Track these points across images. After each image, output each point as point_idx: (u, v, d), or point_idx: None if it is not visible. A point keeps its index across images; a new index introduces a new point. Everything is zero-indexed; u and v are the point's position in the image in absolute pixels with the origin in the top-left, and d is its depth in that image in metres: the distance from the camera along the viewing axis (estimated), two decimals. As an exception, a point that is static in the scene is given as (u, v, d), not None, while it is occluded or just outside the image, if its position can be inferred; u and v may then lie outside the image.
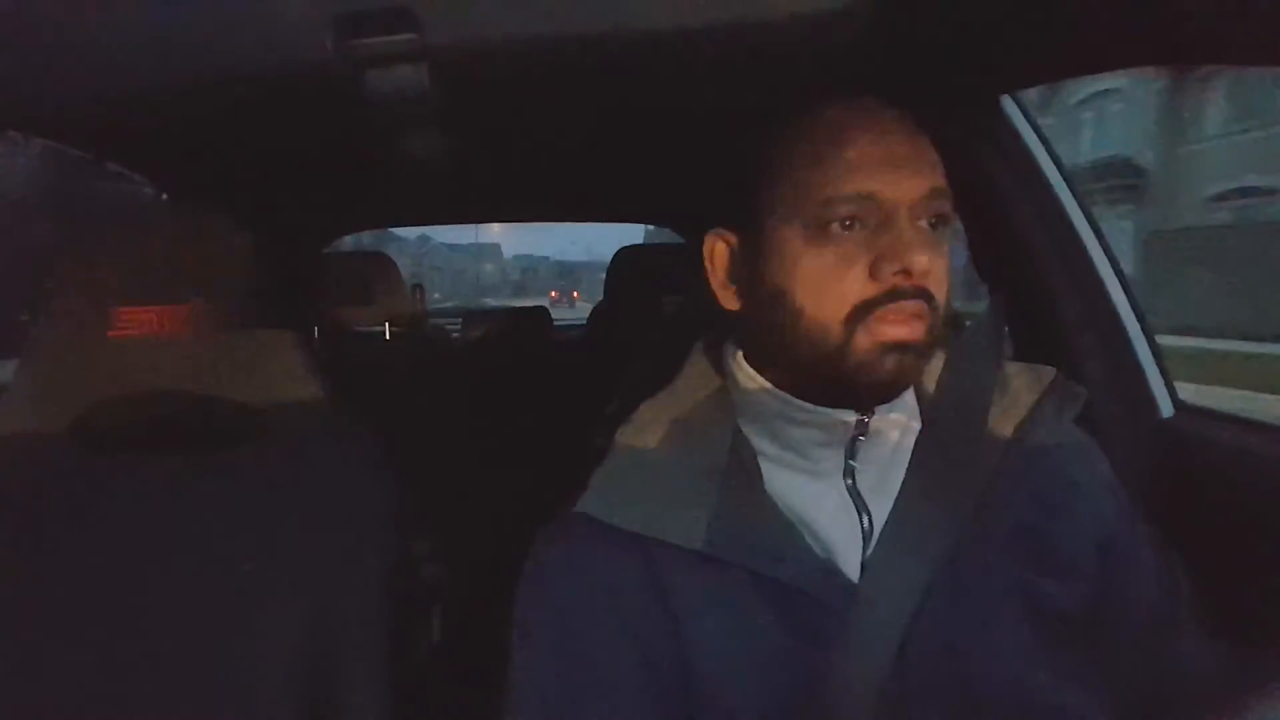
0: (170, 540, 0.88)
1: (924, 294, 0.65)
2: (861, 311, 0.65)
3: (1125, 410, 1.01)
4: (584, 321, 2.75)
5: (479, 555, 1.41)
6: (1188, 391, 1.04)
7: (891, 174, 0.65)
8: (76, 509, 0.88)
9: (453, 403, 2.09)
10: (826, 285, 0.65)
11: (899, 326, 0.64)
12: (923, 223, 0.66)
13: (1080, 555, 0.69)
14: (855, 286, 0.65)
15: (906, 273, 0.64)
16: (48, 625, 0.84)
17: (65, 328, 0.90)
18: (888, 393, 0.68)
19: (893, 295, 0.64)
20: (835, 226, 0.65)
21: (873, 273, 0.64)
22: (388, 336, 2.23)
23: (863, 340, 0.65)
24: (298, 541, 0.89)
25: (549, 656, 0.68)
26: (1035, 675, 0.65)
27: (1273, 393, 7.19)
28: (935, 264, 0.65)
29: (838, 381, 0.67)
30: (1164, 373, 1.04)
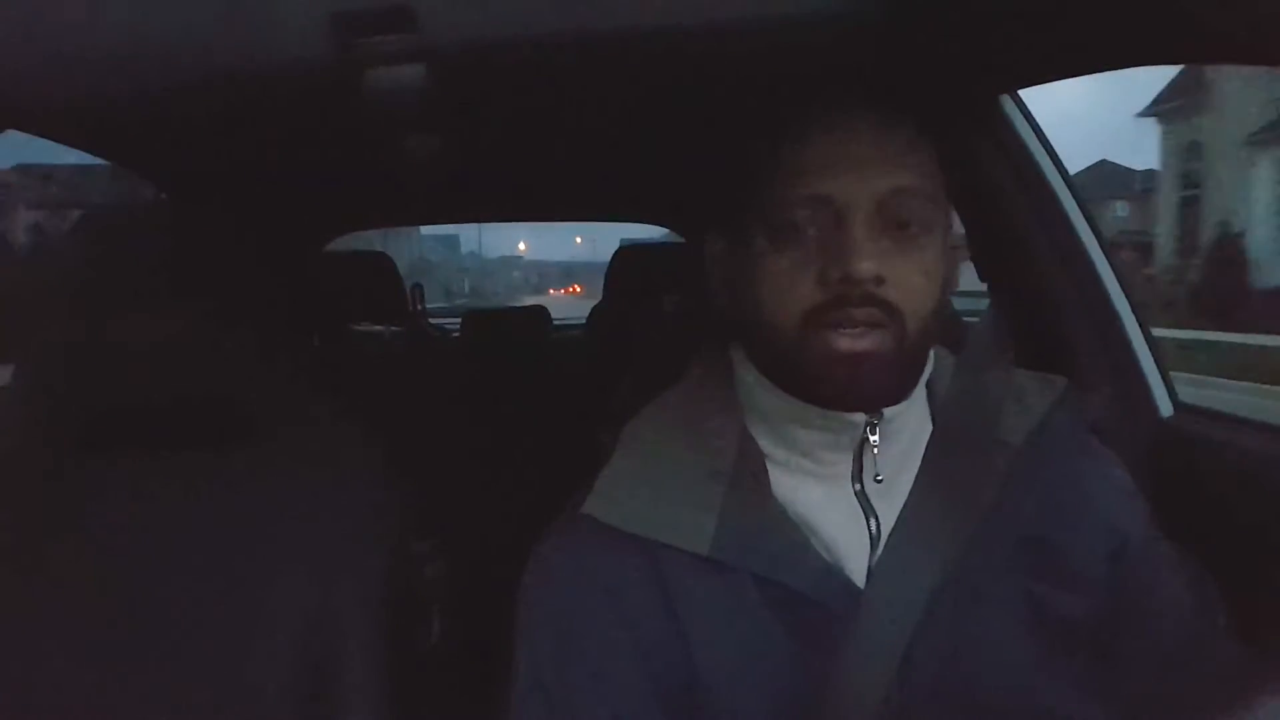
0: (170, 540, 0.88)
1: (875, 302, 0.63)
2: (813, 318, 0.64)
3: (1125, 410, 1.00)
4: (584, 321, 2.75)
5: (479, 555, 1.41)
6: None
7: (847, 175, 0.63)
8: (76, 509, 0.88)
9: (452, 402, 2.09)
10: (782, 289, 0.65)
11: (847, 337, 0.63)
12: (883, 226, 0.63)
13: (1089, 566, 0.68)
14: (806, 292, 0.64)
15: (850, 280, 0.62)
16: (47, 624, 0.84)
17: (64, 327, 0.90)
18: (852, 403, 0.66)
19: (838, 303, 0.63)
20: (794, 229, 0.64)
21: (821, 278, 0.63)
22: (387, 336, 2.24)
23: (815, 348, 0.64)
24: (297, 541, 0.89)
25: (552, 658, 0.67)
26: (1039, 684, 0.65)
27: None
28: (895, 270, 0.63)
29: (800, 388, 0.66)
30: (1164, 373, 1.04)
